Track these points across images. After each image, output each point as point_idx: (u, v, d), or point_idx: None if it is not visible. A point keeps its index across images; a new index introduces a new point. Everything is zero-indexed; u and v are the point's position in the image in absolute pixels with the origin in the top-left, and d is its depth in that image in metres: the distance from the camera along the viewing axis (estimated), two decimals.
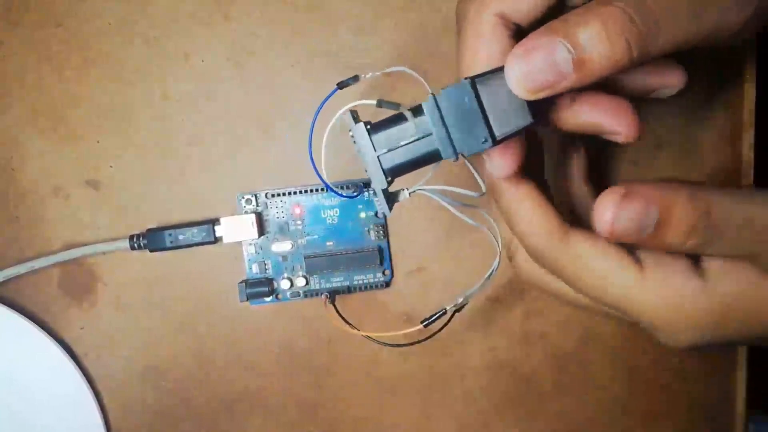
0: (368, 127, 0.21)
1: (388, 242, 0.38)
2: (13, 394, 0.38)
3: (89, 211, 0.37)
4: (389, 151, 0.21)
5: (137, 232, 0.37)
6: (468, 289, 0.30)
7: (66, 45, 0.36)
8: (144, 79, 0.37)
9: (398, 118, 0.21)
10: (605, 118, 0.23)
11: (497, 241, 0.26)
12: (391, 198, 0.22)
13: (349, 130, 0.21)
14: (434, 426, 0.40)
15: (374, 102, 0.23)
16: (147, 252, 0.37)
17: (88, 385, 0.38)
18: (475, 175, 0.22)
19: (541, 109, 0.22)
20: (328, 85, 0.37)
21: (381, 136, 0.21)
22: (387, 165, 0.21)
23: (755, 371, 0.41)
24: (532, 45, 0.20)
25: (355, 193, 0.37)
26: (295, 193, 0.37)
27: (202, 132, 0.37)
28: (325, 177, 0.28)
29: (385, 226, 0.38)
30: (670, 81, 0.25)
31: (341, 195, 0.36)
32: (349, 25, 0.37)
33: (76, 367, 0.37)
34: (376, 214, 0.38)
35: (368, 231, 0.38)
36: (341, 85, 0.26)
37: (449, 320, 0.32)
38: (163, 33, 0.36)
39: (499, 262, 0.27)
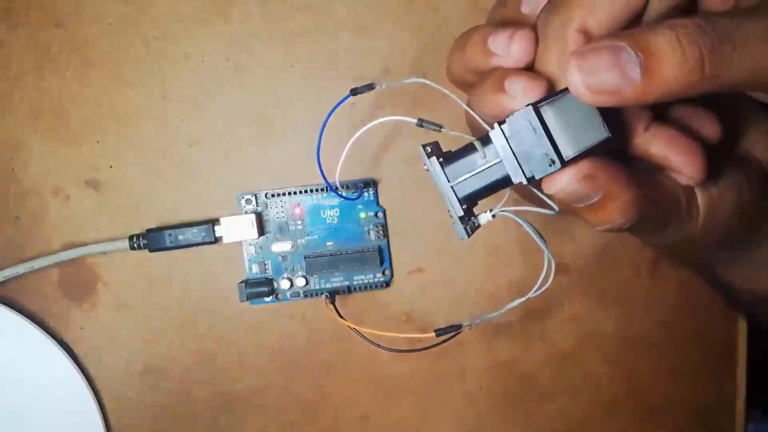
0: (440, 160, 0.22)
1: (388, 242, 0.38)
2: (13, 394, 0.38)
3: (89, 211, 0.37)
4: (462, 180, 0.22)
5: (137, 232, 0.37)
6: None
7: (66, 46, 0.36)
8: (144, 80, 0.37)
9: (468, 149, 0.22)
10: (676, 155, 0.22)
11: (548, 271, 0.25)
12: (471, 223, 0.23)
13: (424, 164, 0.22)
14: (434, 426, 0.40)
15: (414, 120, 0.23)
16: (147, 252, 0.37)
17: (88, 385, 0.38)
18: (544, 198, 0.23)
19: (616, 127, 0.22)
20: (328, 86, 0.37)
21: (453, 167, 0.22)
22: (461, 193, 0.22)
23: (755, 371, 0.41)
24: (597, 44, 0.19)
25: (355, 194, 0.37)
26: (295, 193, 0.37)
27: (202, 132, 0.37)
28: (337, 178, 0.28)
29: (385, 226, 0.38)
30: (709, 130, 0.24)
31: (343, 196, 0.36)
32: (349, 25, 0.37)
33: (76, 367, 0.37)
34: (375, 214, 0.38)
35: (368, 231, 0.38)
36: (355, 92, 0.26)
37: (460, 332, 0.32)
38: (162, 33, 0.36)
39: (537, 290, 0.26)
